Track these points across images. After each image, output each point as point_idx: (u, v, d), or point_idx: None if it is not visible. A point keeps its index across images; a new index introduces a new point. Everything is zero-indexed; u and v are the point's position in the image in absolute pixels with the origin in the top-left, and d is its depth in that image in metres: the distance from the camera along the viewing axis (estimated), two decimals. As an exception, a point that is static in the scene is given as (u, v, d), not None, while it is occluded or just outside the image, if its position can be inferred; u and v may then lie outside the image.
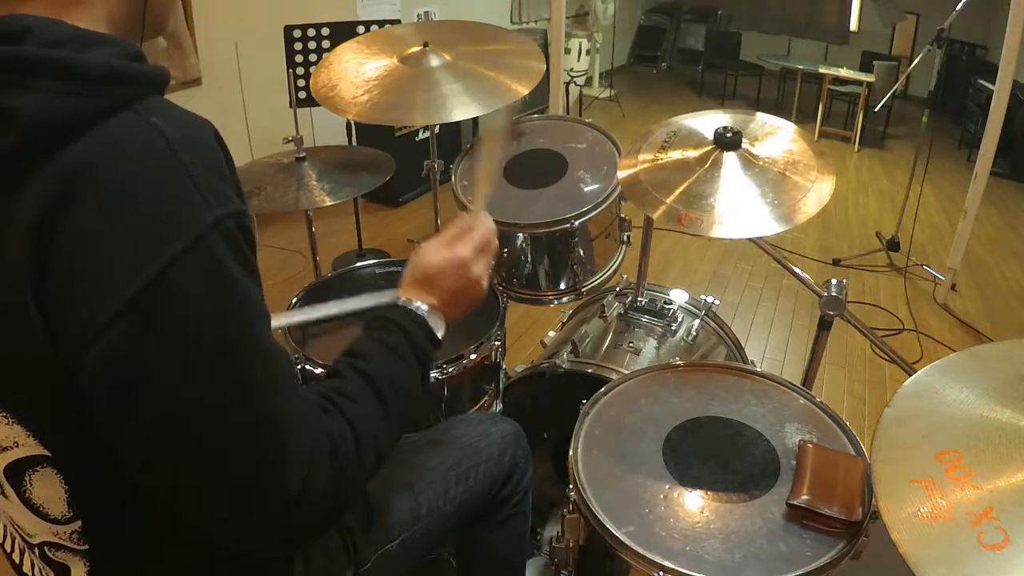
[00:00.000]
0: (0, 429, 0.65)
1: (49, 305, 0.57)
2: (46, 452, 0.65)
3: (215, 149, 0.63)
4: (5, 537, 0.81)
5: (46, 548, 0.73)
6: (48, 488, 0.68)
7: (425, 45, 1.72)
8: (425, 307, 0.85)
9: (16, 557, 0.80)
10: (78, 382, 0.58)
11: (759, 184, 1.35)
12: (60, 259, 0.56)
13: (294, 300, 1.52)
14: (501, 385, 1.55)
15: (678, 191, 1.35)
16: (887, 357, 2.48)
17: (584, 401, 1.23)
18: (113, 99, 0.59)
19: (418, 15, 4.74)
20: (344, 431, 0.70)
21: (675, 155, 1.44)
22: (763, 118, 1.50)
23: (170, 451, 0.61)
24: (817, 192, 1.31)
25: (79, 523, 0.69)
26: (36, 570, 0.77)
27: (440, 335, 0.86)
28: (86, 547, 0.71)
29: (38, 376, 0.60)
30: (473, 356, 1.39)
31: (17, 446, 0.66)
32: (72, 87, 0.57)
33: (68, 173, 0.56)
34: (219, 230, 0.59)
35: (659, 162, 1.43)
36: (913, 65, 3.84)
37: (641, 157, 1.45)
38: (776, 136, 1.45)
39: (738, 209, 1.31)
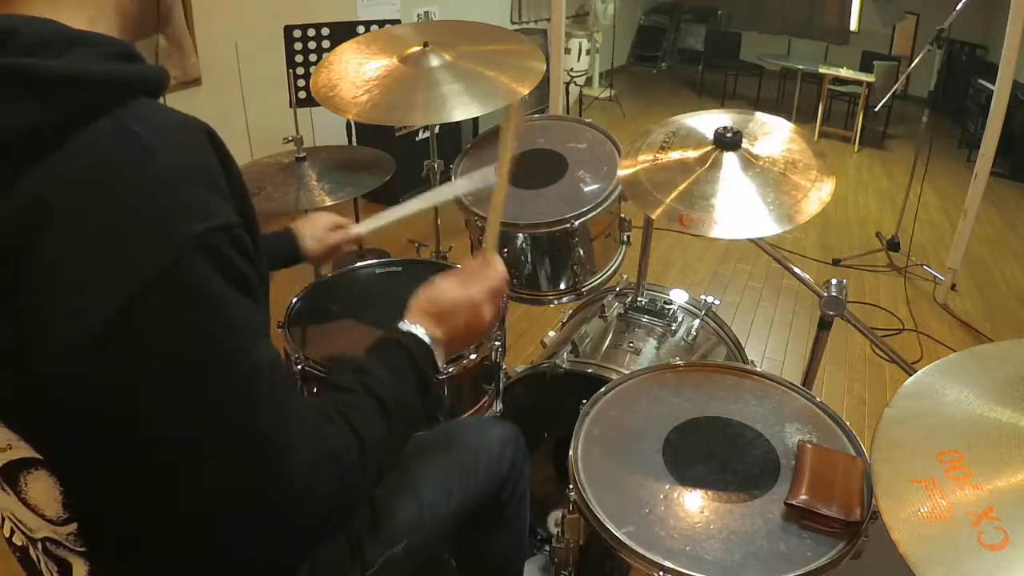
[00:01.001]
0: None
1: (22, 328, 0.55)
2: (38, 455, 0.65)
3: (204, 157, 0.60)
4: (13, 532, 0.81)
5: (47, 543, 0.73)
6: (43, 490, 0.67)
7: (425, 45, 1.72)
8: (429, 338, 0.86)
9: (30, 552, 0.80)
10: (58, 404, 0.57)
11: (759, 184, 1.35)
12: (31, 282, 0.54)
13: (294, 300, 1.52)
14: (501, 385, 1.55)
15: (678, 191, 1.35)
16: (887, 357, 2.48)
17: (584, 401, 1.23)
18: (82, 106, 0.55)
19: (418, 15, 4.74)
20: (349, 441, 0.70)
21: (675, 155, 1.44)
22: (762, 118, 1.50)
23: (165, 470, 0.60)
24: (817, 192, 1.31)
25: (75, 525, 0.69)
26: (42, 564, 0.77)
27: (441, 365, 0.88)
28: (83, 549, 0.71)
29: (13, 392, 0.59)
30: (473, 356, 1.39)
31: (10, 447, 0.65)
32: (33, 95, 0.54)
33: (39, 190, 0.53)
34: (201, 248, 0.56)
35: (659, 162, 1.43)
36: (913, 65, 3.84)
37: (641, 157, 1.45)
38: (774, 136, 1.45)
39: (739, 209, 1.31)
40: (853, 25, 7.32)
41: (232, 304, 0.59)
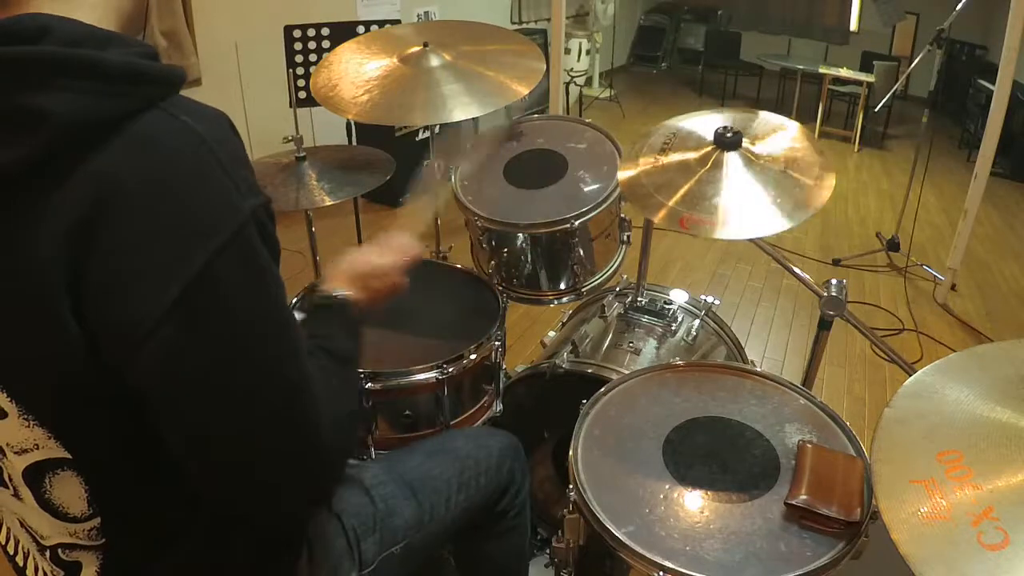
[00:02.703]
0: (20, 432, 0.65)
1: (87, 307, 0.57)
2: (67, 455, 0.66)
3: (237, 141, 0.65)
4: (9, 539, 0.81)
5: (59, 549, 0.74)
6: (68, 489, 0.68)
7: (425, 45, 1.72)
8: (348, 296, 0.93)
9: (20, 560, 0.80)
10: (126, 382, 0.59)
11: (762, 183, 1.34)
12: (100, 262, 0.56)
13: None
14: (501, 385, 1.55)
15: (680, 192, 1.35)
16: (887, 357, 2.48)
17: (584, 401, 1.23)
18: (138, 98, 0.59)
19: (418, 15, 4.74)
20: (341, 399, 0.75)
21: (675, 157, 1.43)
22: (766, 116, 1.49)
23: (225, 432, 0.63)
24: (820, 187, 1.31)
25: (98, 519, 0.70)
26: (41, 573, 0.77)
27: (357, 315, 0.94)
28: (102, 541, 0.72)
29: (68, 378, 0.60)
30: (473, 356, 1.39)
31: (37, 448, 0.66)
32: (97, 86, 0.57)
33: (103, 175, 0.56)
34: (253, 220, 0.62)
35: (660, 164, 1.43)
36: (913, 65, 3.84)
37: (641, 160, 1.45)
38: (777, 134, 1.44)
39: (742, 209, 1.31)
40: (853, 25, 7.32)
41: (274, 271, 0.65)
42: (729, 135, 1.39)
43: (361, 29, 2.78)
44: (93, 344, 0.58)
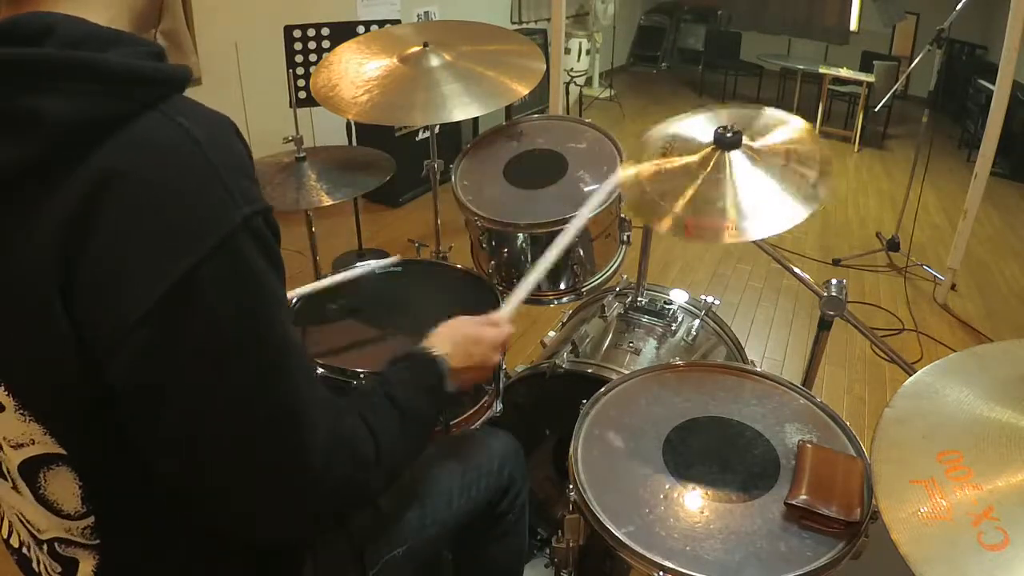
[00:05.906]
0: (16, 426, 0.65)
1: (77, 307, 0.57)
2: (61, 451, 0.66)
3: (239, 147, 0.64)
4: (12, 533, 0.81)
5: (56, 544, 0.74)
6: (63, 485, 0.68)
7: (425, 45, 1.72)
8: (448, 363, 0.93)
9: (27, 552, 0.80)
10: (106, 381, 0.59)
11: (767, 179, 1.32)
12: (90, 261, 0.56)
13: (294, 300, 1.51)
14: (501, 385, 1.55)
15: (685, 197, 1.32)
16: (887, 357, 2.47)
17: (584, 401, 1.23)
18: (136, 100, 0.59)
19: (418, 15, 4.74)
20: (366, 436, 0.73)
21: (676, 161, 1.42)
22: (770, 112, 1.48)
23: (198, 445, 0.62)
24: (824, 177, 1.29)
25: (92, 518, 0.70)
26: (43, 566, 0.78)
27: (452, 391, 0.94)
28: (97, 541, 0.72)
29: (61, 375, 0.60)
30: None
31: (33, 443, 0.66)
32: (94, 88, 0.57)
33: (98, 176, 0.56)
34: (247, 228, 0.61)
35: (661, 170, 1.41)
36: (913, 65, 3.85)
37: (642, 166, 1.44)
38: (776, 129, 1.43)
39: (752, 208, 1.28)
40: (853, 25, 7.33)
41: (272, 283, 0.64)
42: (729, 135, 1.38)
43: (361, 29, 2.78)
44: (81, 343, 0.58)
